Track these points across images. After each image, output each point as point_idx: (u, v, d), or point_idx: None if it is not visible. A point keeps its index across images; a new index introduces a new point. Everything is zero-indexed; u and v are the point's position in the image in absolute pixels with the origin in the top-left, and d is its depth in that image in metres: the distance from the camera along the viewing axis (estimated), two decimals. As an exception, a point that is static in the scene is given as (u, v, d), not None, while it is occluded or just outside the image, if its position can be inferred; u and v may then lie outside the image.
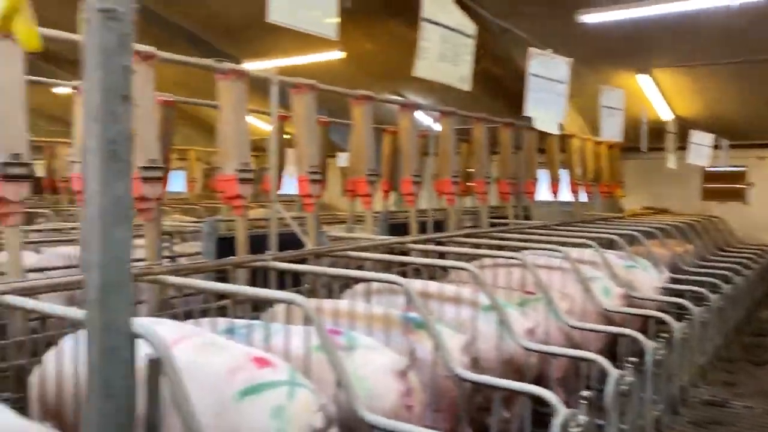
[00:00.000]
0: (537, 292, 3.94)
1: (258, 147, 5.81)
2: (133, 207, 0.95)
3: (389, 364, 2.55)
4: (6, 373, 2.71)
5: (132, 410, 0.95)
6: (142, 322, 2.20)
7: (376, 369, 2.53)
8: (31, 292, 2.50)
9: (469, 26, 2.88)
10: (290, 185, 6.08)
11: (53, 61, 11.31)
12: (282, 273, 3.54)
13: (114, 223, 0.91)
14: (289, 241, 4.23)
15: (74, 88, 4.81)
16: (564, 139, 7.88)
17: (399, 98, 6.76)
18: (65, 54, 10.33)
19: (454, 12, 2.77)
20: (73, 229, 5.96)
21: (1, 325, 3.13)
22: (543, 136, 7.59)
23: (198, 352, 2.21)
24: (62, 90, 8.02)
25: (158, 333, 1.88)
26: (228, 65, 3.87)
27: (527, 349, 3.22)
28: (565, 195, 8.14)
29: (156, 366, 1.16)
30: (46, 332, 3.04)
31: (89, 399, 0.92)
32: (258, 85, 4.19)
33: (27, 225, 7.09)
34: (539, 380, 3.43)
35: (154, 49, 3.53)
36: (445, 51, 2.75)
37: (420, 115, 9.49)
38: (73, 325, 2.39)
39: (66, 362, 2.24)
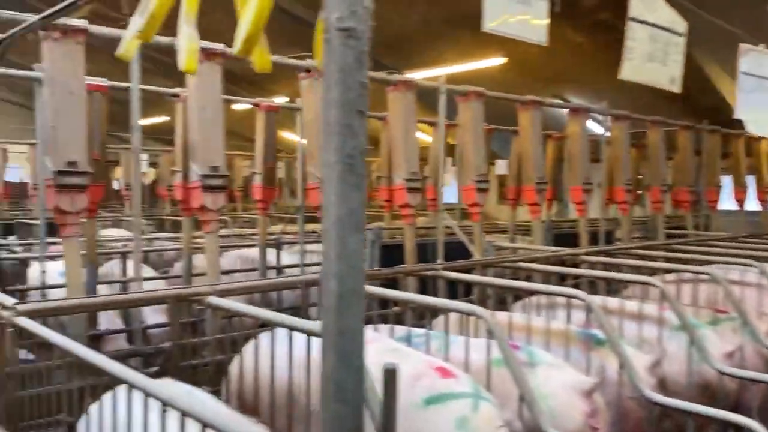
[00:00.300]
0: (730, 311, 3.58)
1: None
2: (363, 219, 0.97)
3: (574, 383, 2.44)
4: (205, 367, 2.94)
5: (363, 415, 0.97)
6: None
7: (559, 387, 2.42)
8: (228, 293, 2.69)
9: (680, 23, 2.69)
10: (448, 193, 6.09)
11: (230, 79, 12.32)
12: (450, 282, 3.54)
13: (349, 234, 0.94)
14: (454, 250, 4.22)
15: (255, 104, 5.20)
16: (750, 142, 7.14)
17: (569, 103, 6.51)
18: (241, 72, 11.19)
19: (663, 9, 2.59)
20: (252, 234, 6.42)
21: (190, 322, 3.43)
22: (726, 139, 6.93)
23: (380, 357, 2.24)
24: (240, 106, 8.70)
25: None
26: (398, 77, 3.96)
27: (723, 374, 2.92)
28: (753, 204, 7.36)
29: (393, 375, 1.19)
30: (234, 330, 3.28)
31: (323, 404, 0.96)
32: (418, 95, 4.24)
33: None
34: (733, 408, 3.11)
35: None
36: (654, 51, 2.58)
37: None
38: (264, 324, 2.54)
39: (263, 359, 2.38)
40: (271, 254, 5.53)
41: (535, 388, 2.35)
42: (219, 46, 3.19)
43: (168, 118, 14.62)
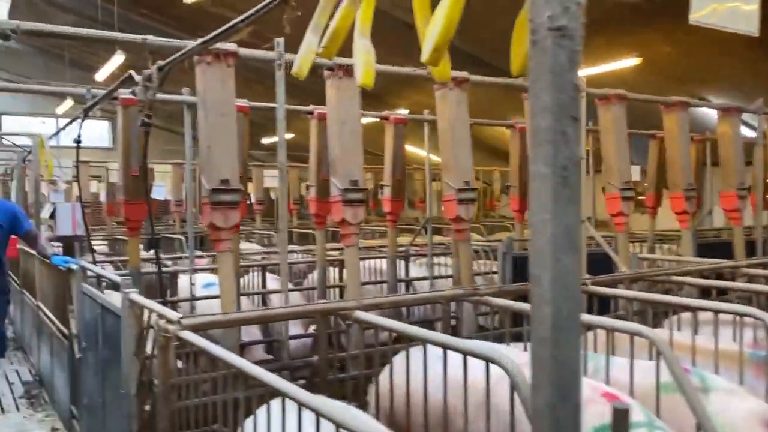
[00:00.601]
0: None
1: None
2: (580, 237, 0.87)
3: (757, 412, 2.18)
4: (348, 381, 2.94)
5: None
6: (492, 346, 2.20)
7: (740, 417, 2.18)
8: (374, 308, 2.67)
9: None
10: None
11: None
12: (592, 295, 3.33)
13: (564, 254, 0.85)
14: (594, 262, 3.97)
15: (384, 118, 5.23)
16: None
17: (719, 102, 6.02)
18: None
19: None
20: (381, 246, 6.46)
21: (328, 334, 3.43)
22: None
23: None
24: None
25: (511, 358, 1.84)
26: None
27: None
28: None
29: (624, 415, 1.09)
30: (369, 342, 3.25)
31: (537, 439, 0.87)
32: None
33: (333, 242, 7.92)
34: None
35: (466, 73, 3.61)
36: None
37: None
38: (411, 339, 2.48)
39: (415, 375, 2.32)
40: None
41: (712, 418, 2.12)
42: (357, 61, 3.20)
43: (292, 135, 15.21)
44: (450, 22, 1.12)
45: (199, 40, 2.37)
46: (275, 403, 1.79)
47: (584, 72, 8.14)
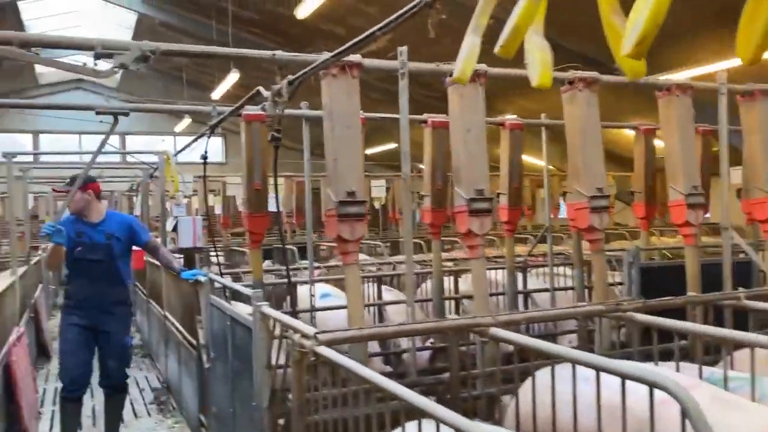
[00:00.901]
0: None
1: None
2: None
3: None
4: (481, 398, 2.82)
5: None
6: (652, 369, 2.01)
7: None
8: (510, 324, 2.54)
9: None
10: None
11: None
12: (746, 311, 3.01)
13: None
14: (739, 274, 3.63)
15: (499, 124, 5.08)
16: None
17: None
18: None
19: None
20: (497, 257, 6.30)
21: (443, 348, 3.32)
22: None
23: (711, 407, 1.90)
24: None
25: (681, 384, 1.65)
26: (672, 80, 3.55)
27: None
28: None
29: None
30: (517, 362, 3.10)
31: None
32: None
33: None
34: None
35: (597, 73, 3.42)
36: None
37: None
38: (548, 357, 2.32)
39: (560, 395, 2.17)
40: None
41: None
42: (482, 67, 3.10)
43: (395, 145, 15.29)
44: (659, 9, 0.99)
45: (330, 53, 2.35)
46: (427, 424, 1.71)
47: (724, 65, 7.49)
